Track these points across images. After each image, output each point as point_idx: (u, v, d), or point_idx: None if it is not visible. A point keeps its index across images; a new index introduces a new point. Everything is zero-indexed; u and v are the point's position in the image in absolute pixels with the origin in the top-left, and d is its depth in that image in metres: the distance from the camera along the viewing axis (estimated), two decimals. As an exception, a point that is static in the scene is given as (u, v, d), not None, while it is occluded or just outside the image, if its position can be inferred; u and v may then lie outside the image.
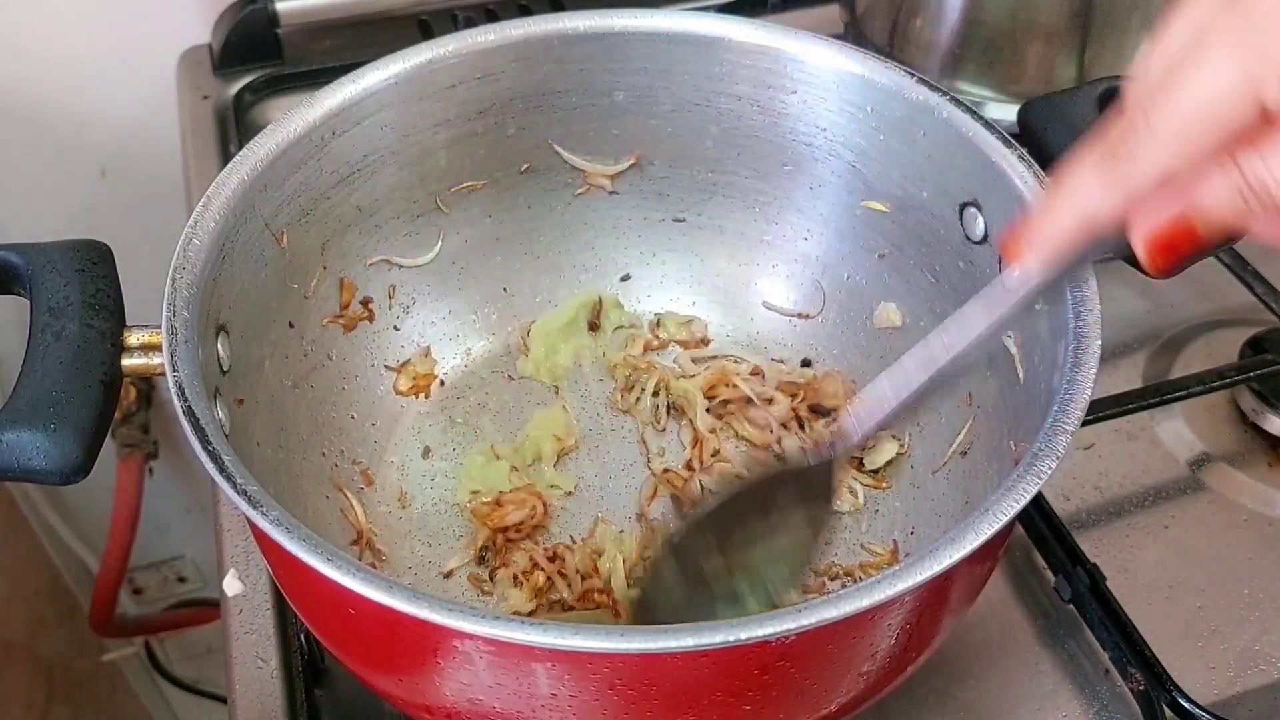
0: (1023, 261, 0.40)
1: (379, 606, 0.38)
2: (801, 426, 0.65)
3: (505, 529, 0.60)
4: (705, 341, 0.69)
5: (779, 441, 0.64)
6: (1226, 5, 0.32)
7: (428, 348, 0.67)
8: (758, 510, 0.48)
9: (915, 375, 0.43)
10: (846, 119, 0.61)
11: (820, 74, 0.60)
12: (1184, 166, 0.33)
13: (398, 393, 0.65)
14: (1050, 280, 0.41)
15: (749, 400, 0.65)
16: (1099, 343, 0.46)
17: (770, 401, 0.65)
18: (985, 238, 0.56)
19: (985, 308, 0.41)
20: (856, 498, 0.62)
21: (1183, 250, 0.35)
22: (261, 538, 0.48)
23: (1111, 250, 0.37)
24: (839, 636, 0.42)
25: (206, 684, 1.36)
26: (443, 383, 0.67)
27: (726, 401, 0.66)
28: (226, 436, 0.45)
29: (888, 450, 0.63)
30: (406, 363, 0.66)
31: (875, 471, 0.63)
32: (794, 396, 0.66)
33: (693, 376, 0.67)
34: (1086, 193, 0.35)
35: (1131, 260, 0.51)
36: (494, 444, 0.65)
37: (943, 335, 0.42)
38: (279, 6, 0.90)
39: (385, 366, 0.65)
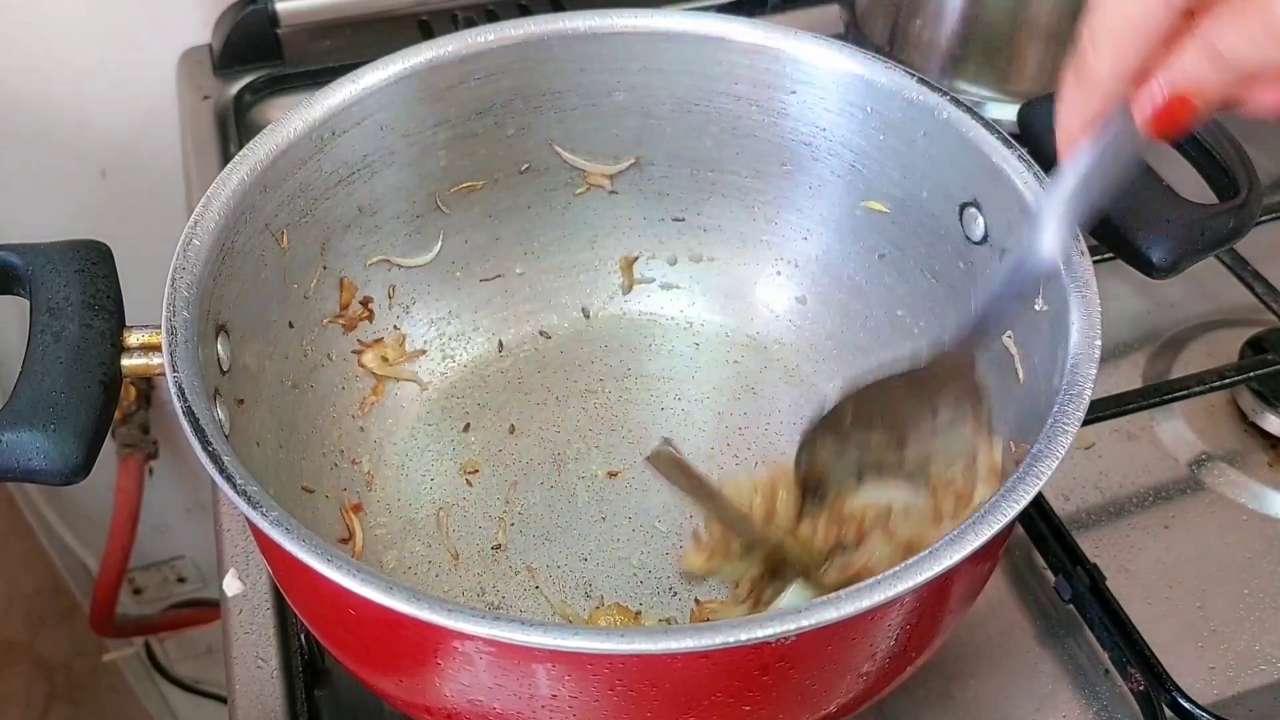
0: (1068, 150, 0.45)
1: (379, 607, 0.38)
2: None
3: None
4: None
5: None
6: None
7: (402, 335, 0.65)
8: (917, 408, 0.51)
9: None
10: (846, 119, 0.61)
11: (820, 74, 0.60)
12: (1133, 64, 0.39)
13: (362, 366, 0.63)
14: (1100, 156, 0.44)
15: None
16: (1099, 343, 0.46)
17: None
18: (985, 238, 0.56)
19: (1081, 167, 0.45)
20: None
21: (1185, 121, 0.40)
22: (261, 538, 0.48)
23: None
24: (839, 637, 0.42)
25: (206, 684, 1.36)
26: (428, 382, 0.67)
27: None
28: (226, 436, 0.45)
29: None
30: (378, 340, 0.63)
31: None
32: None
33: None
34: (1074, 101, 0.42)
35: (1131, 259, 0.52)
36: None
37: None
38: (279, 6, 0.90)
39: (359, 341, 0.62)
